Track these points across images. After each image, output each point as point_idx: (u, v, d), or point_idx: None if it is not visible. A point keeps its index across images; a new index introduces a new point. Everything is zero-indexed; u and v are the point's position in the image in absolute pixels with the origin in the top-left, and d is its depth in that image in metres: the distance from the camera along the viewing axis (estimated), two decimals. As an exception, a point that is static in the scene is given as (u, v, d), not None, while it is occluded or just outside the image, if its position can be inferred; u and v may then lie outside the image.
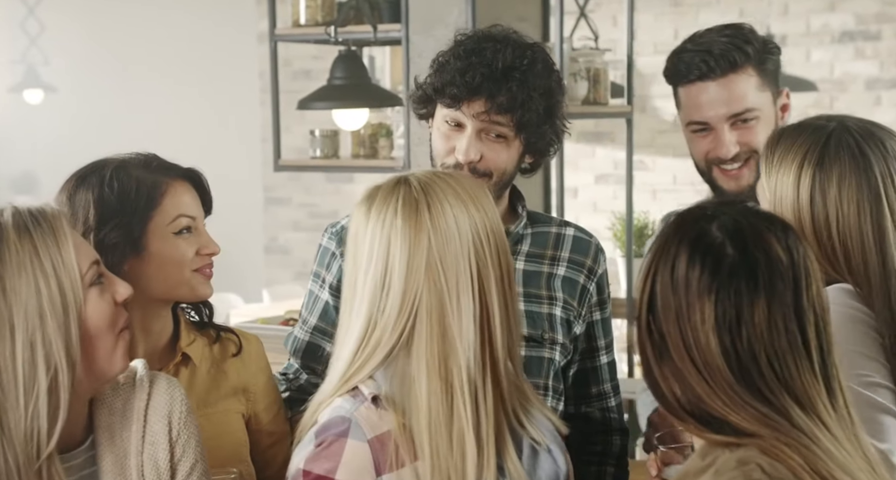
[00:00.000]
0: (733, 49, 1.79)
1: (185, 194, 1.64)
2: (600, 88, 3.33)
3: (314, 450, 1.32)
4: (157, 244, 1.61)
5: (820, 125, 1.52)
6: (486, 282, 1.33)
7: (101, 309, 1.31)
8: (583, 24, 3.66)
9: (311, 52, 5.73)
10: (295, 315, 3.60)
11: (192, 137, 6.11)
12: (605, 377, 1.86)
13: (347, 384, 1.35)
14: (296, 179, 6.27)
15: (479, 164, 1.70)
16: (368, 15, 3.08)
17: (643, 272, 1.20)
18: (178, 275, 1.62)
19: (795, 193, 1.47)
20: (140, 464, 1.37)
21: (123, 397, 1.39)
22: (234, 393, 1.71)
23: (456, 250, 1.32)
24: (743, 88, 1.79)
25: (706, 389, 1.13)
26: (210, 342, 1.72)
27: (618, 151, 5.40)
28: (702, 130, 1.82)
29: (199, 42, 6.21)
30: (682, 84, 1.83)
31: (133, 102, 6.12)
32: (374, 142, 3.39)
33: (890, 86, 5.20)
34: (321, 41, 3.24)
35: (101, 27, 6.18)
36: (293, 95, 3.50)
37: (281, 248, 6.54)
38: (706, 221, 1.17)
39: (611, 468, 1.86)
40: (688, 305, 1.14)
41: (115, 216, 1.58)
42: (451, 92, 1.68)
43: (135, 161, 1.65)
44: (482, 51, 1.70)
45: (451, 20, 3.05)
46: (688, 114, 1.84)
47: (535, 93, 1.68)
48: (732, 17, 5.49)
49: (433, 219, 1.32)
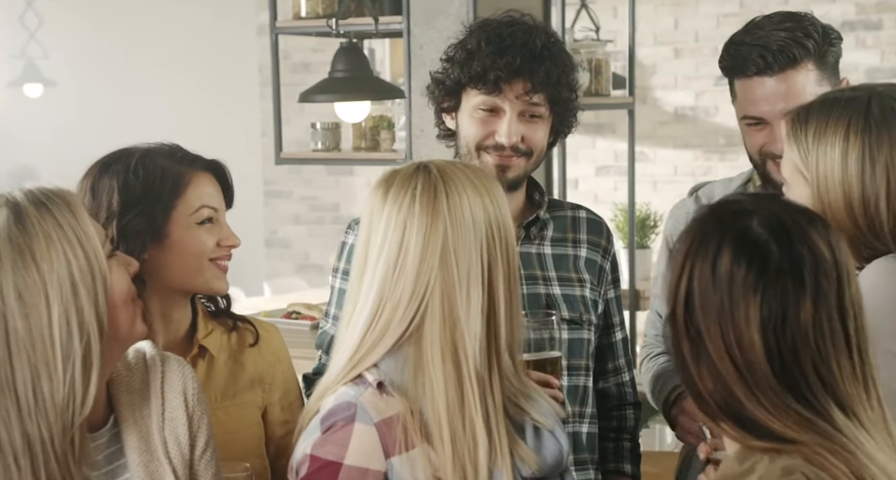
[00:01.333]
0: (793, 44, 1.75)
1: (209, 186, 1.65)
2: (602, 79, 3.33)
3: (321, 436, 1.33)
4: (178, 233, 1.61)
5: (852, 96, 1.49)
6: (495, 276, 1.34)
7: (122, 278, 1.34)
8: (584, 16, 3.66)
9: (310, 44, 5.72)
10: (297, 308, 3.61)
11: (192, 130, 6.09)
12: (619, 352, 1.90)
13: (353, 371, 1.36)
14: (296, 172, 6.26)
15: (520, 144, 1.75)
16: (369, 7, 3.07)
17: (677, 267, 1.16)
18: (196, 265, 1.62)
19: (843, 165, 1.44)
20: (164, 440, 1.39)
21: (139, 376, 1.41)
22: (251, 385, 1.71)
23: (469, 241, 1.33)
24: (801, 83, 1.76)
25: (746, 391, 1.10)
26: (227, 331, 1.72)
27: (618, 142, 5.39)
28: (757, 123, 1.81)
29: (199, 35, 6.20)
30: (739, 78, 1.81)
31: (133, 95, 6.12)
32: (375, 134, 3.39)
33: (891, 75, 5.19)
34: (322, 34, 3.23)
35: (100, 20, 6.17)
36: (293, 87, 3.49)
37: (281, 241, 6.54)
38: (746, 216, 1.14)
39: (627, 443, 1.91)
40: (731, 303, 1.10)
41: (139, 203, 1.59)
42: (493, 75, 1.71)
43: (160, 151, 1.66)
44: (513, 34, 1.74)
45: (452, 11, 3.05)
46: (743, 107, 1.82)
47: (565, 70, 1.76)
48: (732, 8, 5.48)
49: (450, 207, 1.33)
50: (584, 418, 1.82)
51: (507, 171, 1.77)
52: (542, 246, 1.85)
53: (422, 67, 3.09)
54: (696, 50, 5.60)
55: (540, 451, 1.38)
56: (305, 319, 3.54)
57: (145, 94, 6.12)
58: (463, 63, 1.75)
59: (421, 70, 3.09)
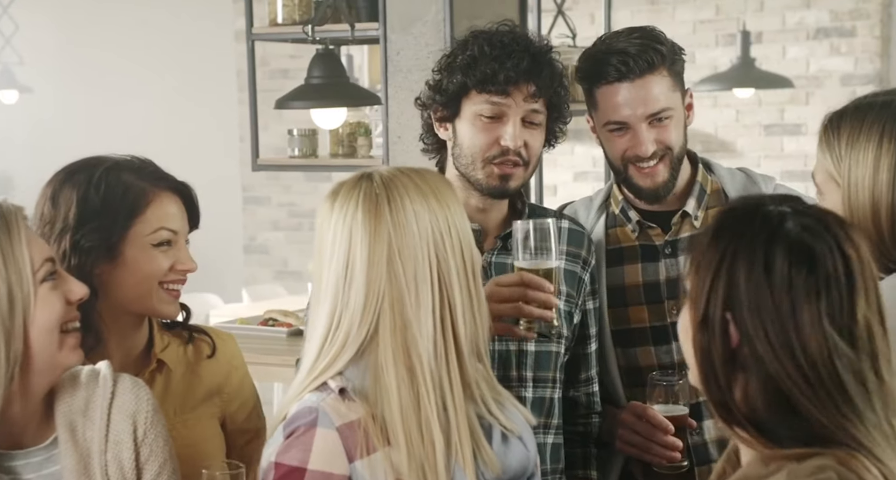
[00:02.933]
0: (649, 50, 1.83)
1: (172, 206, 1.62)
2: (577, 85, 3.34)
3: (284, 442, 1.33)
4: (132, 253, 1.58)
5: (882, 101, 1.49)
6: (447, 275, 1.35)
7: (51, 305, 1.31)
8: (560, 22, 3.67)
9: (288, 51, 5.71)
10: (274, 315, 3.60)
11: (169, 136, 6.08)
12: (591, 363, 1.91)
13: (316, 380, 1.36)
14: (275, 178, 6.25)
15: (523, 149, 1.77)
16: (346, 13, 3.07)
17: (709, 271, 1.13)
18: (146, 287, 1.59)
19: (875, 171, 1.45)
20: (104, 464, 1.36)
21: (85, 395, 1.38)
22: (209, 396, 1.70)
23: (415, 244, 1.34)
24: (659, 88, 1.83)
25: (807, 392, 1.09)
26: (183, 343, 1.70)
27: (596, 148, 5.39)
28: (619, 129, 1.86)
29: (177, 41, 6.18)
30: (600, 85, 1.86)
31: (109, 101, 6.09)
32: (352, 141, 3.39)
33: (864, 82, 5.24)
34: (298, 40, 3.23)
35: (76, 26, 6.14)
36: (271, 94, 3.48)
37: (260, 247, 6.51)
38: (789, 219, 1.14)
39: (594, 449, 1.92)
40: (793, 306, 1.09)
41: (96, 219, 1.56)
42: (503, 76, 1.72)
43: (127, 165, 1.62)
44: (515, 39, 1.76)
45: (428, 18, 3.05)
46: (605, 114, 1.87)
47: (561, 75, 1.80)
48: (709, 14, 5.52)
49: (393, 213, 1.35)
50: (550, 429, 1.82)
51: (509, 180, 1.78)
52: None
53: (399, 73, 3.10)
54: (673, 56, 5.63)
55: (505, 456, 1.38)
56: (282, 326, 3.53)
57: (122, 100, 6.09)
58: (467, 68, 1.75)
59: (398, 76, 3.10)
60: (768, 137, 5.47)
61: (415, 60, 3.07)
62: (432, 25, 3.03)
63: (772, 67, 5.23)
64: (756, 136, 5.49)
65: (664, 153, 1.86)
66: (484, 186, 1.78)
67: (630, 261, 1.93)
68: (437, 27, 3.02)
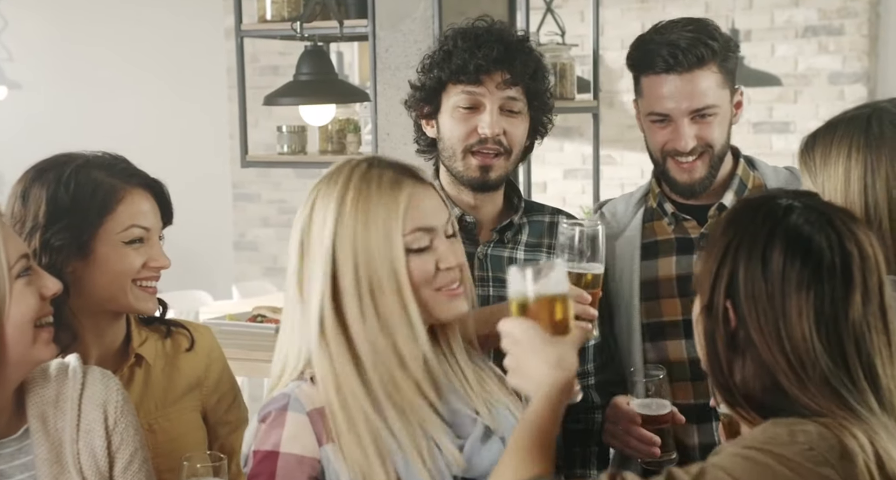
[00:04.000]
0: (700, 44, 1.81)
1: (144, 203, 1.61)
2: (566, 83, 3.35)
3: (259, 429, 1.36)
4: (104, 251, 1.58)
5: (855, 114, 1.53)
6: (342, 277, 1.38)
7: (25, 301, 1.32)
8: (549, 20, 3.68)
9: (278, 47, 5.71)
10: (263, 311, 3.60)
11: (159, 133, 6.07)
12: (590, 357, 1.91)
13: (293, 371, 1.40)
14: (264, 175, 6.24)
15: (502, 137, 1.78)
16: (334, 10, 3.08)
17: (716, 259, 1.18)
18: (120, 284, 1.59)
19: (846, 184, 1.48)
20: (76, 452, 1.38)
21: (56, 387, 1.40)
22: (189, 389, 1.71)
23: (317, 246, 1.38)
24: (706, 84, 1.81)
25: (794, 379, 1.13)
26: (161, 337, 1.70)
27: (586, 145, 5.42)
28: (661, 121, 1.85)
29: (167, 37, 6.16)
30: (647, 74, 1.85)
31: (99, 98, 6.07)
32: (341, 137, 3.39)
33: (853, 80, 5.27)
34: (287, 37, 3.23)
35: (65, 22, 6.12)
36: (261, 90, 3.48)
37: (250, 244, 6.51)
38: (793, 212, 1.17)
39: (594, 447, 1.91)
40: (783, 296, 1.14)
41: (66, 217, 1.55)
42: (473, 65, 1.75)
43: (98, 162, 1.62)
44: (489, 31, 1.79)
45: (417, 15, 3.06)
46: (649, 104, 1.85)
47: (539, 66, 1.81)
48: (698, 12, 5.53)
49: (311, 209, 1.40)
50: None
51: (489, 171, 1.79)
52: (515, 250, 1.86)
53: (388, 70, 3.10)
54: (663, 54, 5.65)
55: (480, 450, 1.40)
56: (271, 322, 3.53)
57: (112, 96, 6.08)
58: (442, 62, 1.79)
59: (386, 73, 3.10)
60: (757, 134, 5.49)
61: (403, 57, 3.08)
62: (421, 22, 3.04)
63: (760, 65, 5.25)
64: (745, 133, 5.51)
65: (704, 150, 1.85)
66: (465, 178, 1.80)
67: (665, 254, 1.93)
68: (426, 24, 3.03)
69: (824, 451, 1.08)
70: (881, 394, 1.15)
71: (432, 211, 1.41)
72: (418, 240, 1.39)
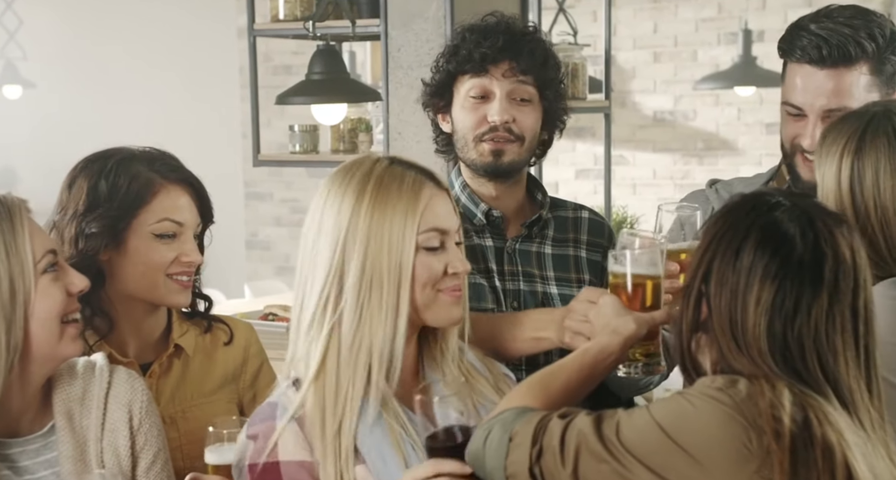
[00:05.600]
0: (852, 42, 1.69)
1: (180, 199, 1.65)
2: (578, 82, 3.35)
3: (248, 444, 1.36)
4: (136, 242, 1.61)
5: (862, 112, 1.52)
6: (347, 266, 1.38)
7: (51, 296, 1.34)
8: (562, 20, 3.68)
9: (291, 47, 5.72)
10: (274, 310, 3.61)
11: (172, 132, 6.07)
12: None
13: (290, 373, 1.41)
14: (276, 174, 6.26)
15: (513, 125, 1.79)
16: (347, 10, 3.08)
17: (703, 246, 1.22)
18: (152, 278, 1.62)
19: (837, 184, 1.48)
20: (100, 451, 1.39)
21: (82, 385, 1.41)
22: (224, 382, 1.74)
23: (321, 239, 1.39)
24: (850, 84, 1.70)
25: (746, 363, 1.16)
26: (202, 331, 1.74)
27: (598, 146, 5.41)
28: (795, 113, 1.75)
29: (180, 36, 6.19)
30: (791, 60, 1.75)
31: (112, 97, 6.10)
32: (353, 137, 3.40)
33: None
34: (300, 36, 3.23)
35: (79, 21, 6.14)
36: (273, 90, 3.49)
37: (262, 243, 6.53)
38: (778, 209, 1.20)
39: None
40: (746, 285, 1.17)
41: (102, 206, 1.60)
42: (478, 55, 1.76)
43: (143, 156, 1.67)
44: (496, 23, 1.81)
45: (429, 15, 3.06)
46: (787, 92, 1.76)
47: (549, 57, 1.82)
48: (711, 13, 5.52)
49: (323, 203, 1.41)
50: None
51: (502, 156, 1.80)
52: (542, 245, 1.88)
53: (399, 69, 3.10)
54: (675, 54, 5.63)
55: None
56: (282, 320, 3.54)
57: (125, 95, 6.10)
58: (450, 55, 1.81)
59: (399, 72, 3.10)
60: (770, 135, 5.47)
61: (415, 57, 3.08)
62: (433, 22, 3.04)
63: (773, 65, 5.20)
64: (757, 134, 5.50)
65: None
66: (479, 164, 1.82)
67: None
68: (438, 24, 3.03)
69: (726, 387, 1.13)
70: (841, 393, 1.16)
71: (447, 215, 1.43)
72: (431, 240, 1.41)
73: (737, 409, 1.11)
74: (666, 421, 1.13)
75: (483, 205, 1.84)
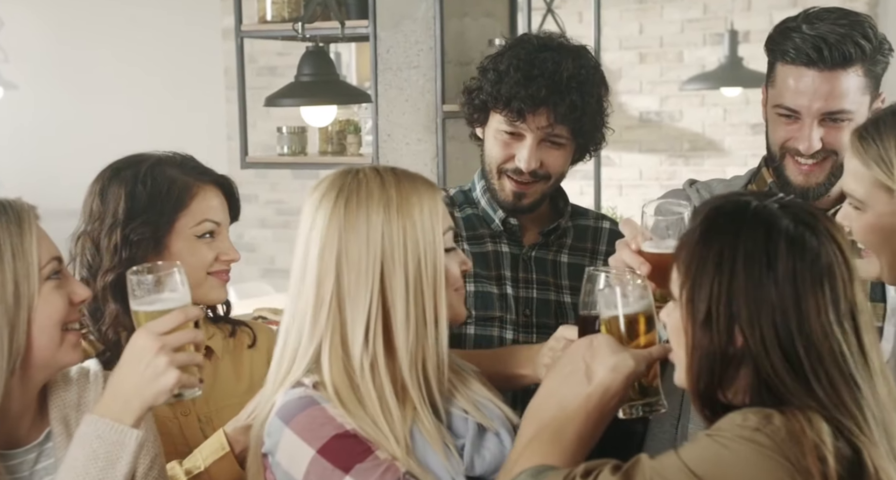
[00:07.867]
0: (849, 42, 1.65)
1: (214, 199, 1.69)
2: (567, 83, 3.34)
3: (303, 432, 1.33)
4: (178, 245, 1.65)
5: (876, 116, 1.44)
6: (390, 286, 1.35)
7: (53, 303, 1.34)
8: (549, 20, 3.68)
9: (275, 48, 5.69)
10: (264, 313, 3.59)
11: (156, 134, 6.02)
12: None
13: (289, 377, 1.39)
14: (262, 176, 6.23)
15: (539, 169, 1.78)
16: (335, 11, 3.07)
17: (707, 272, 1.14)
18: (195, 277, 1.62)
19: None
20: None
21: (78, 391, 1.42)
22: (251, 388, 1.73)
23: (360, 250, 1.35)
24: (846, 86, 1.66)
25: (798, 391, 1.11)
26: (227, 335, 1.77)
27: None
28: (789, 116, 1.70)
29: (163, 38, 6.15)
30: (784, 63, 1.69)
31: (96, 99, 6.05)
32: (341, 138, 3.38)
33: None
34: (288, 37, 3.22)
35: (62, 22, 6.10)
36: (259, 91, 3.48)
37: (248, 245, 6.49)
38: (774, 213, 1.16)
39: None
40: (797, 297, 1.12)
41: (144, 213, 1.63)
42: (516, 106, 1.73)
43: (170, 160, 1.70)
44: (543, 61, 1.74)
45: (418, 16, 3.05)
46: (779, 95, 1.70)
47: (591, 100, 1.76)
48: (696, 14, 5.54)
49: (347, 217, 1.36)
50: None
51: (523, 198, 1.80)
52: (559, 254, 1.87)
53: (389, 70, 3.09)
54: (661, 55, 5.65)
55: (479, 449, 1.40)
56: (272, 323, 3.52)
57: (108, 97, 6.06)
58: (492, 85, 1.77)
59: (388, 74, 3.09)
60: (755, 136, 5.49)
61: (404, 58, 3.07)
62: (422, 23, 3.03)
63: (759, 66, 5.21)
64: (743, 135, 5.52)
65: (827, 155, 1.69)
66: (500, 198, 1.82)
67: None
68: (427, 25, 3.02)
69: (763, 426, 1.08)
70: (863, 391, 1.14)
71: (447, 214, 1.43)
72: (449, 240, 1.41)
73: (778, 450, 1.06)
74: (701, 469, 1.07)
75: (501, 212, 1.84)
